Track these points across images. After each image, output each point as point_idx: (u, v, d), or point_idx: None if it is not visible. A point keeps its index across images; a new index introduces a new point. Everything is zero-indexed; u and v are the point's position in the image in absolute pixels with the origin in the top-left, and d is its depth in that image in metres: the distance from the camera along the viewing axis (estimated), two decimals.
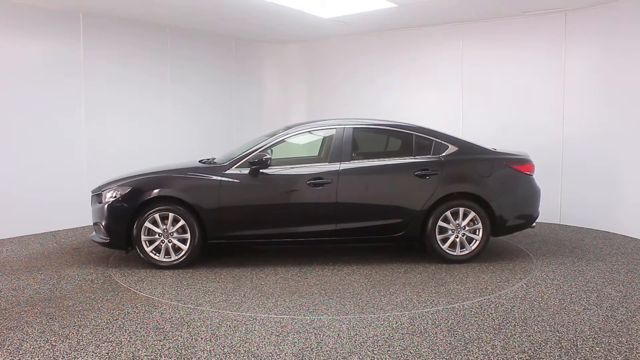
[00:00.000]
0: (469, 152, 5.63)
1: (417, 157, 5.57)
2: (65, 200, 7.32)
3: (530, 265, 5.42)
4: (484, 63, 7.95)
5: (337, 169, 5.45)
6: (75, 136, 7.41)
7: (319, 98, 9.76)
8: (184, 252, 5.35)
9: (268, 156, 5.42)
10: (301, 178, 5.43)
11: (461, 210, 5.44)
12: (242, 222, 5.40)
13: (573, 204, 7.38)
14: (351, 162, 5.51)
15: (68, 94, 7.30)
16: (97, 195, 5.55)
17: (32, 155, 6.97)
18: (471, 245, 5.48)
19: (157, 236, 5.35)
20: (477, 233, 5.47)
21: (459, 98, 8.16)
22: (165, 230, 5.33)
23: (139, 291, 4.68)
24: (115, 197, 5.37)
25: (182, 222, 5.31)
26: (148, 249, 5.34)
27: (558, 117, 7.41)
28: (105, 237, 5.43)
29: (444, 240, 5.46)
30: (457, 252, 5.47)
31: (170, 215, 5.32)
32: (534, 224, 5.79)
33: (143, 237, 5.32)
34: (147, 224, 5.31)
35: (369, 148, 5.92)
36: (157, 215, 5.31)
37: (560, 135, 7.41)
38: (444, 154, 5.56)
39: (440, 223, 5.44)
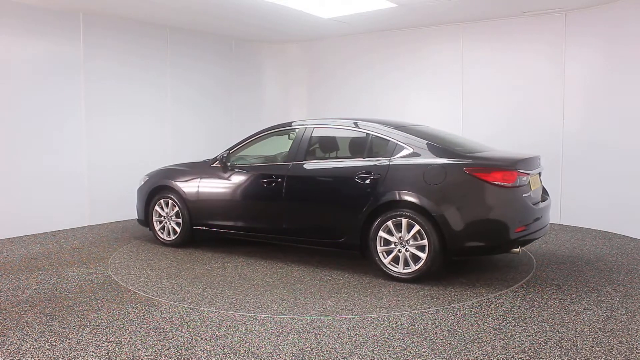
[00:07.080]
0: (424, 154, 4.82)
1: (368, 158, 5.09)
2: (65, 200, 7.32)
3: (530, 265, 5.41)
4: (483, 63, 7.95)
5: (287, 168, 5.46)
6: (76, 136, 7.41)
7: (319, 97, 9.76)
8: (177, 234, 6.22)
9: (225, 155, 5.92)
10: (258, 176, 5.65)
11: (404, 221, 4.72)
12: (213, 213, 5.98)
13: (573, 204, 7.38)
14: (302, 162, 5.43)
15: (68, 94, 7.30)
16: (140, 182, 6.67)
17: (32, 155, 6.97)
18: (417, 263, 4.74)
19: (162, 218, 6.35)
20: (424, 250, 4.70)
21: (459, 98, 8.16)
22: (167, 214, 6.30)
23: (139, 291, 4.68)
24: (141, 184, 6.58)
25: (177, 209, 6.18)
26: (157, 228, 6.40)
27: (558, 117, 7.41)
28: (137, 216, 6.68)
29: (388, 254, 4.86)
30: (400, 269, 4.79)
31: (170, 202, 6.26)
32: (517, 249, 4.69)
33: (154, 218, 6.41)
34: (157, 208, 6.37)
35: (326, 148, 5.78)
36: (162, 201, 6.33)
37: (560, 135, 7.40)
38: (395, 156, 4.93)
39: (382, 234, 4.83)
